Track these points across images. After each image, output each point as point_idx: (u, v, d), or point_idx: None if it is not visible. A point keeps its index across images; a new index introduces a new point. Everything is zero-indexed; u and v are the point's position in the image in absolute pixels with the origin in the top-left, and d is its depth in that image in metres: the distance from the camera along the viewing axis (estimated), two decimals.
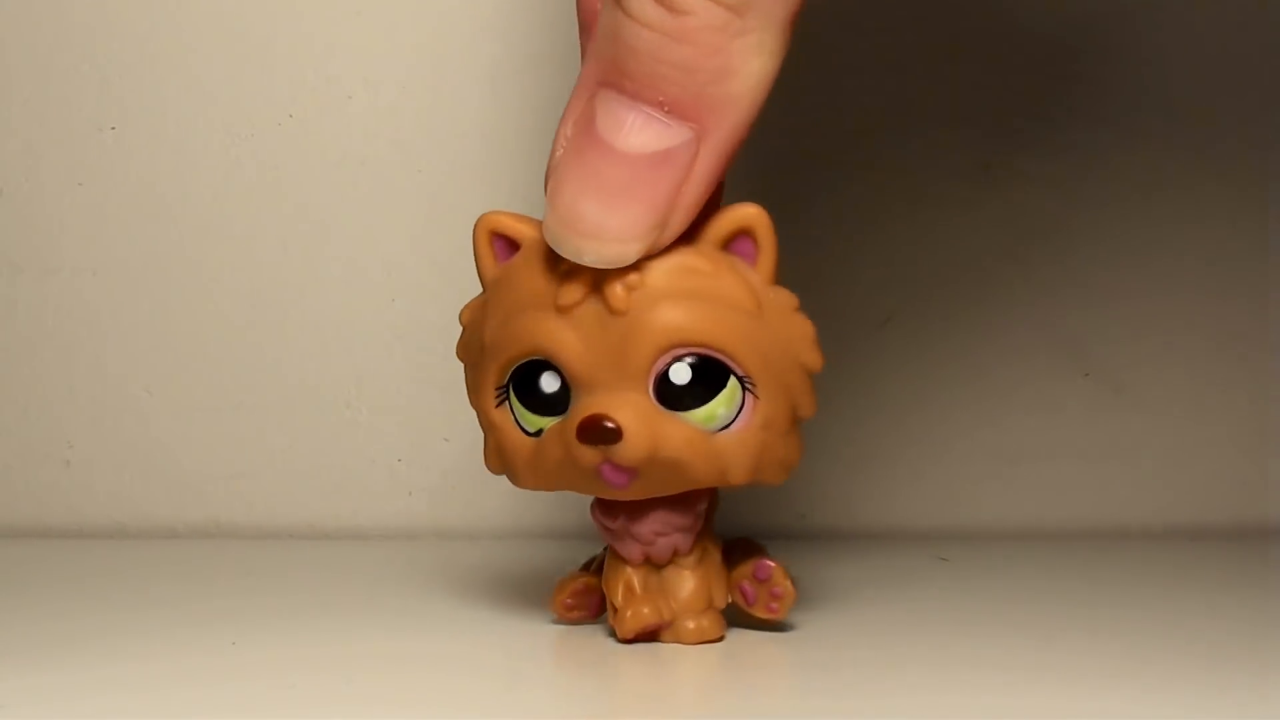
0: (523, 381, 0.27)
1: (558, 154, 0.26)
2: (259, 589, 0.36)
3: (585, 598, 0.30)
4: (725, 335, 0.27)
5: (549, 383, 0.27)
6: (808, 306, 0.29)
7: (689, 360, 0.26)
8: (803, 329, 0.28)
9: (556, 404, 0.27)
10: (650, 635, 0.29)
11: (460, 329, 0.30)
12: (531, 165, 0.44)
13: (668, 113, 0.25)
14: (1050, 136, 0.45)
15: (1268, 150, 0.45)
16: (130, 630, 0.30)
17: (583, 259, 0.26)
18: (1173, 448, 0.45)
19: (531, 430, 0.28)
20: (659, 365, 0.26)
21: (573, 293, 0.26)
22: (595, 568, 0.30)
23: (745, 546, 0.30)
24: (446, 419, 0.44)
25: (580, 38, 0.30)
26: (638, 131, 0.25)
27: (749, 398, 0.27)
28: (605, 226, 0.25)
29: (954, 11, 0.44)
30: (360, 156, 0.45)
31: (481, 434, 0.29)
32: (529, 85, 0.44)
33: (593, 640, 0.29)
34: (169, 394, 0.45)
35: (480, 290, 0.29)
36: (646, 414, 0.26)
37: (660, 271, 0.26)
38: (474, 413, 0.29)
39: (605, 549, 0.30)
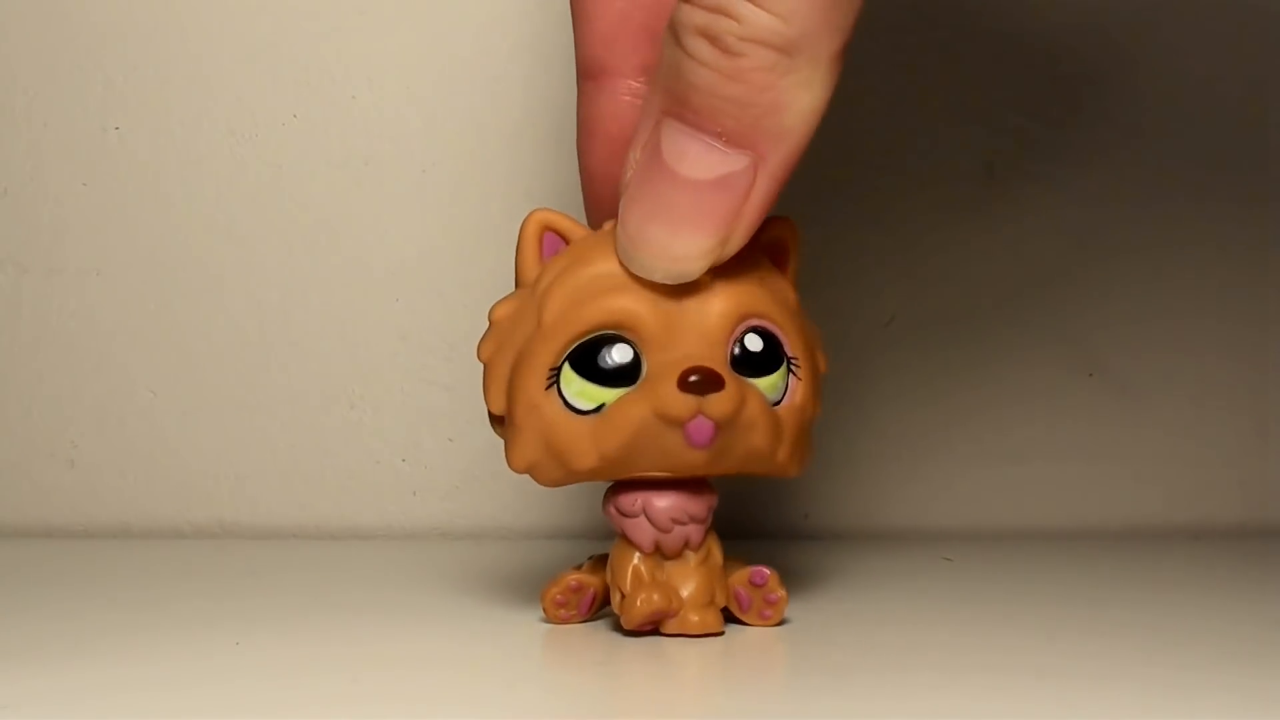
0: (585, 358, 0.28)
1: (628, 175, 0.28)
2: (263, 589, 0.36)
3: (576, 595, 0.30)
4: (780, 315, 0.29)
5: (621, 353, 0.28)
6: (811, 306, 0.30)
7: (759, 331, 0.28)
8: (814, 331, 0.30)
9: (625, 376, 0.28)
10: (653, 626, 0.29)
11: (487, 326, 0.29)
12: (535, 164, 0.44)
13: (726, 142, 0.26)
14: (1054, 137, 0.45)
15: (1271, 151, 0.45)
16: (134, 630, 0.30)
17: (652, 275, 0.27)
18: (1175, 448, 0.45)
19: (589, 407, 0.28)
20: (737, 332, 0.28)
21: None
22: (588, 567, 0.30)
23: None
24: (450, 419, 0.44)
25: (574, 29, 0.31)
26: (699, 159, 0.27)
27: (793, 379, 0.29)
28: (671, 247, 0.27)
29: (958, 12, 0.44)
30: (364, 156, 0.45)
31: (487, 434, 0.29)
32: (533, 85, 0.44)
33: (595, 640, 0.29)
34: (173, 394, 0.45)
35: (490, 286, 0.30)
36: (733, 374, 0.28)
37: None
38: (477, 412, 0.29)
39: (592, 557, 0.31)
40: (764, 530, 0.44)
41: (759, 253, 0.29)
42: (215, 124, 0.45)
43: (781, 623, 0.30)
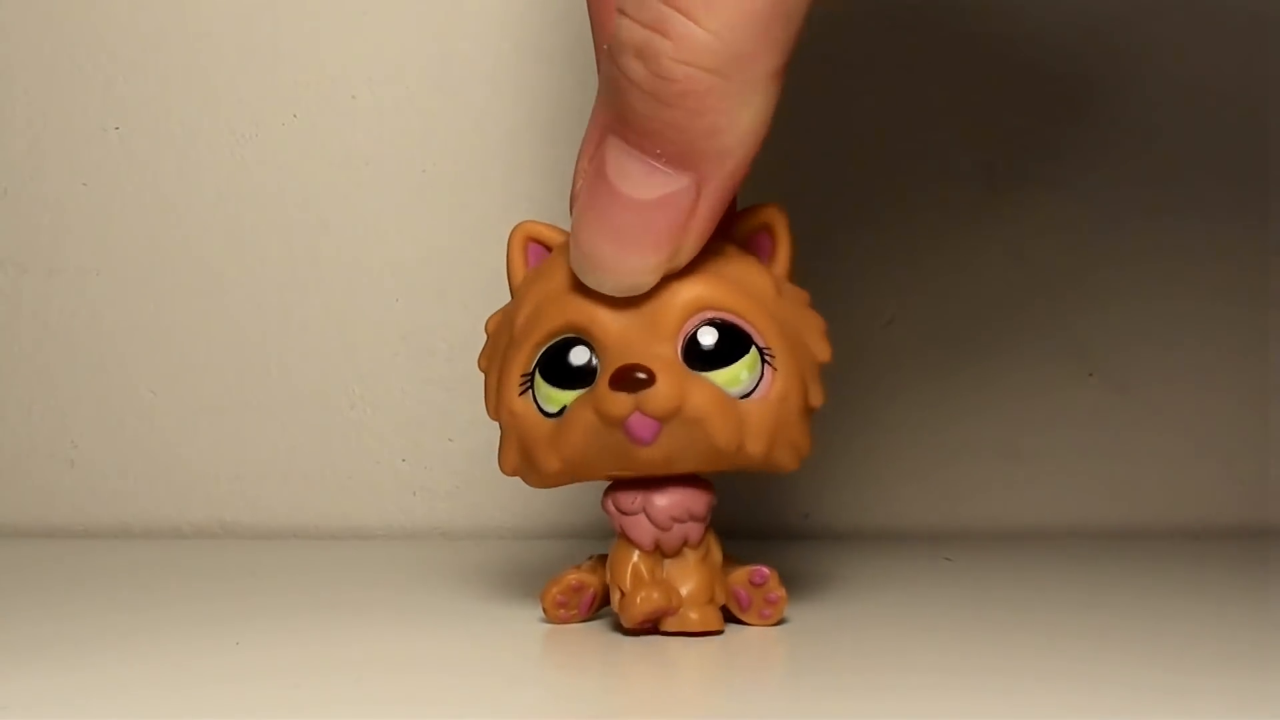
0: (550, 362, 0.28)
1: (578, 185, 0.28)
2: (263, 589, 0.36)
3: (577, 595, 0.30)
4: (747, 306, 0.28)
5: (578, 356, 0.28)
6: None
7: (715, 323, 0.28)
8: (814, 321, 0.29)
9: (583, 377, 0.28)
10: (653, 624, 0.29)
11: (484, 339, 0.30)
12: (536, 165, 0.44)
13: (666, 163, 0.26)
14: (1054, 137, 0.45)
15: (1272, 151, 0.45)
16: (134, 630, 0.30)
17: (604, 289, 0.28)
18: (1175, 448, 0.45)
19: (554, 410, 0.28)
20: (687, 327, 0.28)
21: None
22: (588, 566, 0.30)
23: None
24: (450, 419, 0.44)
25: (593, 32, 0.30)
26: (641, 180, 0.26)
27: (768, 369, 0.28)
28: (620, 263, 0.27)
29: (958, 13, 0.44)
30: (364, 156, 0.45)
31: (487, 434, 0.30)
32: (534, 84, 0.44)
33: (596, 640, 0.29)
34: (173, 394, 0.45)
35: (490, 287, 0.30)
36: (675, 368, 0.28)
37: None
38: (477, 412, 0.30)
39: (592, 556, 0.31)
40: (764, 530, 0.44)
41: (727, 243, 0.29)
42: (215, 124, 0.45)
43: (781, 622, 0.30)
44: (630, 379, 0.27)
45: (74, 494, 0.45)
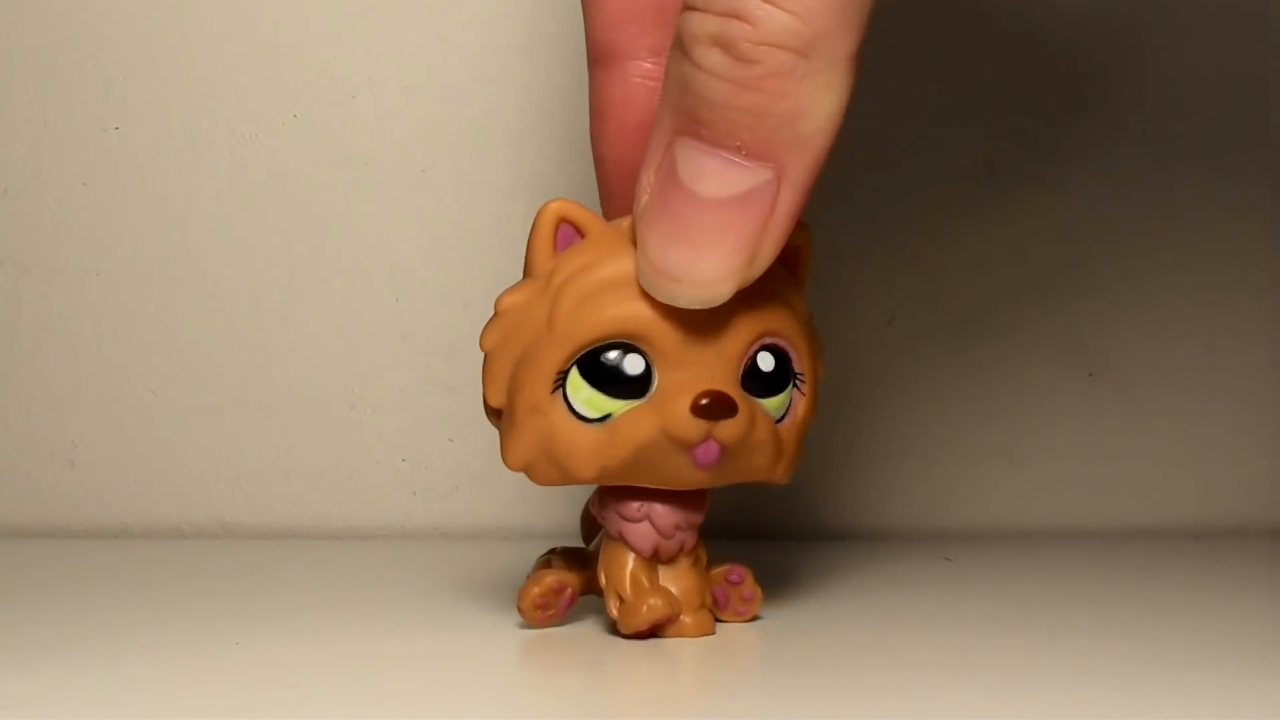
0: (596, 365, 0.27)
1: (643, 200, 0.26)
2: (263, 589, 0.36)
3: (556, 597, 0.30)
4: (795, 331, 0.28)
5: (633, 365, 0.27)
6: (812, 307, 0.30)
7: (772, 349, 0.28)
8: (819, 341, 0.30)
9: (635, 386, 0.27)
10: (651, 630, 0.29)
11: (493, 314, 0.28)
12: (535, 164, 0.44)
13: (745, 156, 0.25)
14: (1054, 137, 0.45)
15: (1272, 150, 0.45)
16: (134, 630, 0.30)
17: (678, 302, 0.26)
18: (1175, 448, 0.45)
19: (596, 416, 0.27)
20: (751, 350, 0.28)
21: None
22: (559, 564, 0.30)
23: None
24: (450, 419, 0.44)
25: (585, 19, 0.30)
26: (719, 176, 0.25)
27: (796, 394, 0.29)
28: (696, 271, 0.26)
29: (958, 12, 0.44)
30: (364, 156, 0.45)
31: (487, 434, 0.29)
32: (533, 84, 0.44)
33: (595, 640, 0.29)
34: (173, 394, 0.45)
35: (491, 286, 0.29)
36: (748, 399, 0.27)
37: None
38: (477, 412, 0.29)
39: (553, 550, 0.31)
40: (764, 530, 0.44)
41: (778, 263, 0.28)
42: (215, 124, 0.45)
43: (756, 618, 0.30)
44: (717, 407, 0.27)
45: (74, 494, 0.45)
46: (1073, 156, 0.45)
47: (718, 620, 0.30)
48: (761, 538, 0.43)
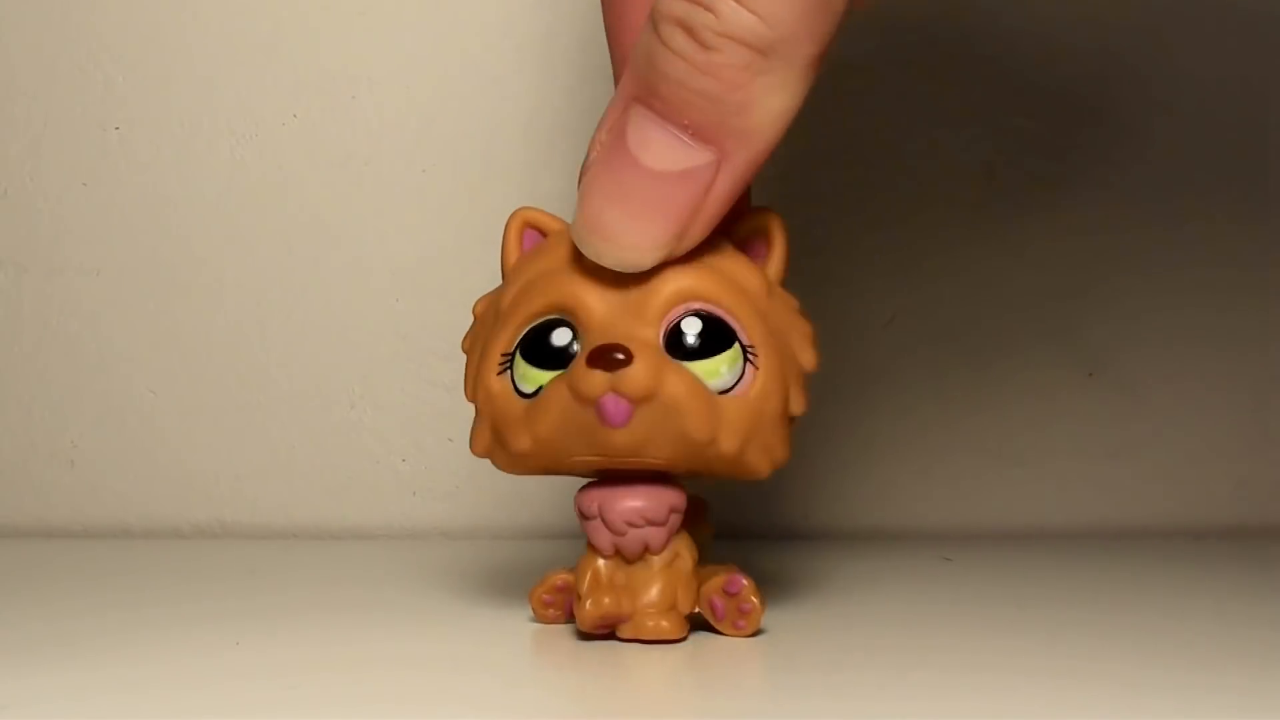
0: (532, 342, 0.28)
1: (591, 156, 0.27)
2: (263, 589, 0.36)
3: (561, 595, 0.30)
4: (734, 301, 0.28)
5: (560, 337, 0.28)
6: (812, 306, 0.30)
7: (700, 315, 0.28)
8: (803, 328, 0.29)
9: (564, 358, 0.28)
10: (608, 630, 0.29)
11: (471, 321, 0.30)
12: (536, 164, 0.44)
13: (692, 135, 0.26)
14: (1053, 137, 0.45)
15: (1273, 152, 0.45)
16: (134, 630, 0.30)
17: (602, 260, 0.27)
18: (1175, 448, 0.45)
19: (530, 390, 0.28)
20: (672, 315, 0.28)
21: None
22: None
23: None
24: (450, 419, 0.44)
25: (604, 17, 0.30)
26: (663, 150, 0.26)
27: (749, 368, 0.28)
28: (625, 234, 0.27)
29: (958, 12, 0.44)
30: (364, 156, 0.45)
31: None
32: (534, 84, 0.44)
33: (594, 640, 0.29)
34: (173, 394, 0.45)
35: (490, 287, 0.30)
36: (654, 352, 0.27)
37: None
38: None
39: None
40: (764, 530, 0.44)
41: (723, 240, 0.28)
42: (215, 124, 0.45)
43: (756, 633, 0.29)
44: (608, 358, 0.27)
45: (74, 494, 0.45)
46: (1072, 158, 0.45)
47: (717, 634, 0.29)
48: (760, 537, 0.43)
